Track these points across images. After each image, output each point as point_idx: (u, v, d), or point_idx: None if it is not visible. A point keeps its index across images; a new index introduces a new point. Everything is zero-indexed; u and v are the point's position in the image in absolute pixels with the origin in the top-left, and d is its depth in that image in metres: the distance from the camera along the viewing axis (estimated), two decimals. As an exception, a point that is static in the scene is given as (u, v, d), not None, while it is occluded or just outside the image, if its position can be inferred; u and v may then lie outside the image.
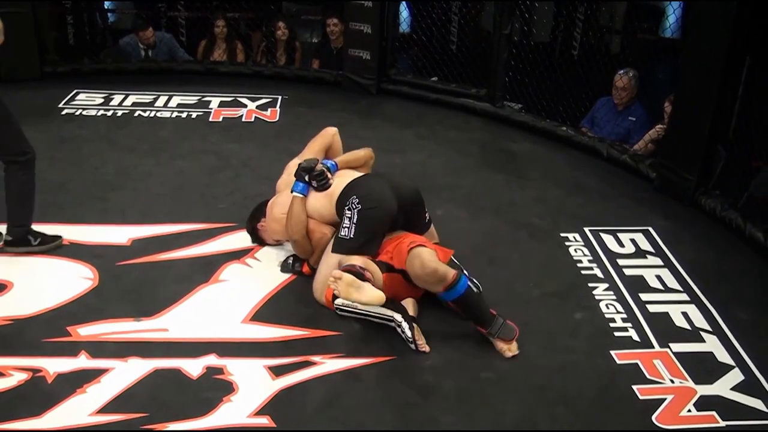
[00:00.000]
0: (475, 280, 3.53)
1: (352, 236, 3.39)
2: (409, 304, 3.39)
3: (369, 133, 5.70)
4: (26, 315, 3.29)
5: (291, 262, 3.74)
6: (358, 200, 3.42)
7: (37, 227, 3.83)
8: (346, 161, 3.79)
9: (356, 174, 3.68)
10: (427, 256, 3.25)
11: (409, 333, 3.19)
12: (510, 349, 3.20)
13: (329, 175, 3.60)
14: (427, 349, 3.20)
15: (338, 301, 3.35)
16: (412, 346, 3.19)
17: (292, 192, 3.62)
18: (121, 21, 8.28)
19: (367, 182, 3.57)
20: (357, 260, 3.26)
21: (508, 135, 5.82)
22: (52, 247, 3.82)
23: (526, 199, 4.70)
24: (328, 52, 7.07)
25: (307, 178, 3.59)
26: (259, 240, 3.94)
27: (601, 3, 7.26)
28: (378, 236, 3.47)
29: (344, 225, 3.42)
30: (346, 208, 3.43)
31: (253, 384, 2.94)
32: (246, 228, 3.95)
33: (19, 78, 6.40)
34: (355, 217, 3.39)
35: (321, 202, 3.61)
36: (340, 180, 3.62)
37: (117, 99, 6.19)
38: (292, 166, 3.84)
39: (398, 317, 3.25)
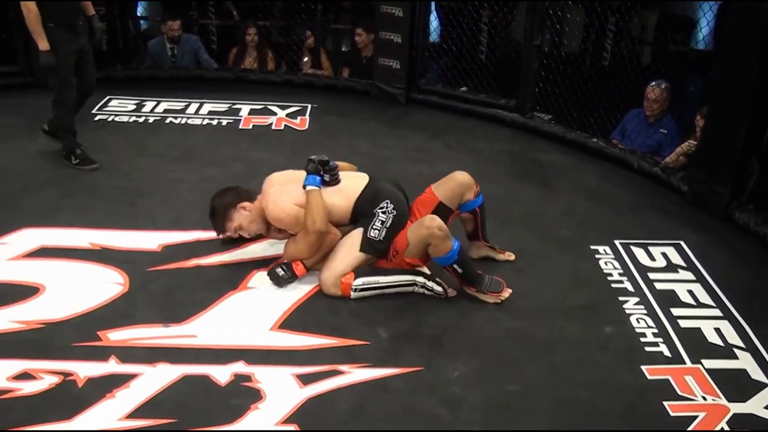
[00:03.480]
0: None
1: (381, 239, 3.61)
2: (422, 267, 3.72)
3: (397, 142, 5.71)
4: (57, 319, 3.33)
5: (282, 272, 3.65)
6: (393, 206, 3.64)
7: (67, 231, 3.97)
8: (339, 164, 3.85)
9: (361, 175, 3.80)
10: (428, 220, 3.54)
11: (439, 288, 3.59)
12: (501, 297, 3.61)
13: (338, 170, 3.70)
14: (454, 293, 3.61)
15: (358, 281, 3.54)
16: (442, 297, 3.58)
17: (305, 186, 3.58)
18: (154, 28, 8.37)
19: (392, 189, 3.75)
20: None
21: (538, 146, 5.80)
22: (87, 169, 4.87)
23: (554, 211, 4.67)
24: (358, 61, 7.09)
25: (321, 171, 3.61)
26: (222, 225, 3.75)
27: (634, 14, 7.21)
28: (392, 240, 3.67)
29: (375, 227, 3.60)
30: (381, 210, 3.60)
31: (281, 392, 2.94)
32: (215, 206, 3.74)
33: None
34: (390, 221, 3.62)
35: (335, 199, 3.65)
36: (352, 180, 3.74)
37: (149, 106, 6.26)
38: (275, 178, 3.80)
39: (420, 279, 3.61)
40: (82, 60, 4.84)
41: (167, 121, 5.96)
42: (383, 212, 3.61)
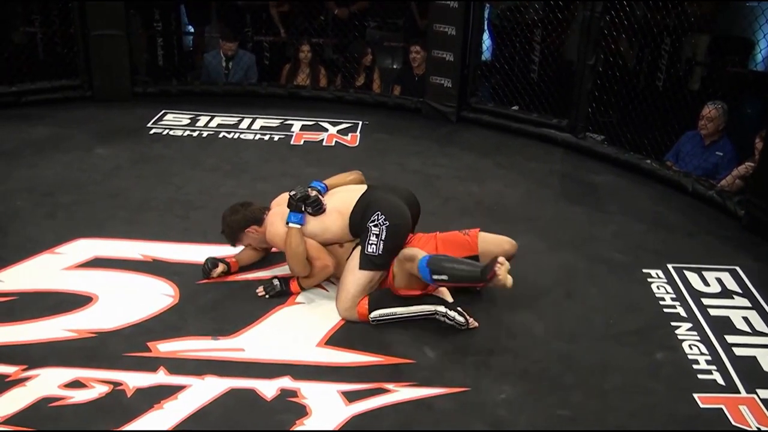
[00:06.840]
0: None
1: (380, 252, 3.51)
2: (445, 294, 3.62)
3: (447, 160, 5.70)
4: (109, 329, 3.39)
5: (277, 283, 3.70)
6: (384, 217, 3.52)
7: (120, 243, 4.01)
8: (334, 183, 3.80)
9: (358, 188, 3.73)
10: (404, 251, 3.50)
11: (460, 318, 3.45)
12: (500, 269, 3.22)
13: (322, 199, 3.63)
14: (476, 324, 3.48)
15: (375, 314, 3.47)
16: (463, 328, 3.44)
17: (287, 224, 3.58)
18: (210, 44, 8.52)
19: (384, 197, 3.62)
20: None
21: (590, 167, 5.73)
22: None
23: (606, 233, 4.60)
24: (410, 79, 7.11)
25: (302, 207, 3.58)
26: (233, 242, 3.83)
27: (690, 35, 7.09)
28: (397, 251, 3.55)
29: (371, 242, 3.51)
30: (372, 224, 3.51)
31: (327, 408, 2.94)
32: (225, 225, 3.78)
33: (111, 98, 6.65)
34: (384, 233, 3.50)
35: (331, 219, 3.61)
36: (345, 195, 3.67)
37: (203, 120, 6.36)
38: (282, 198, 3.80)
39: (441, 308, 3.48)
40: None
41: (220, 135, 6.05)
42: (374, 225, 3.50)
